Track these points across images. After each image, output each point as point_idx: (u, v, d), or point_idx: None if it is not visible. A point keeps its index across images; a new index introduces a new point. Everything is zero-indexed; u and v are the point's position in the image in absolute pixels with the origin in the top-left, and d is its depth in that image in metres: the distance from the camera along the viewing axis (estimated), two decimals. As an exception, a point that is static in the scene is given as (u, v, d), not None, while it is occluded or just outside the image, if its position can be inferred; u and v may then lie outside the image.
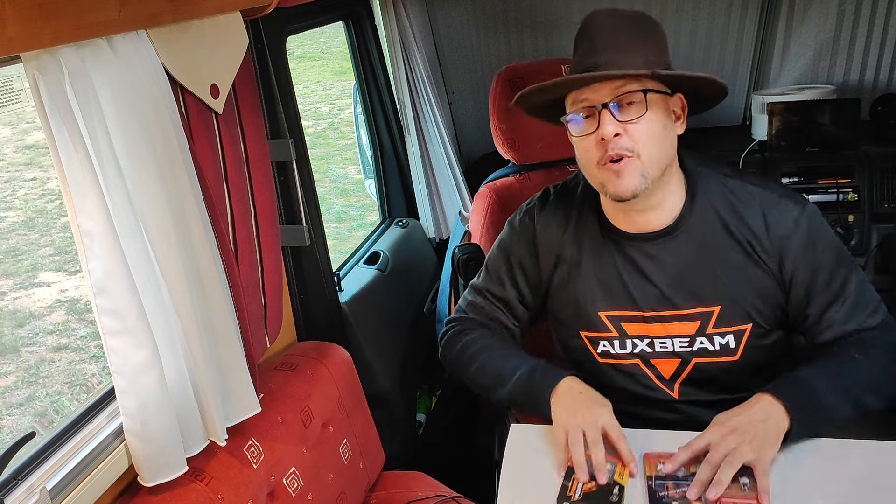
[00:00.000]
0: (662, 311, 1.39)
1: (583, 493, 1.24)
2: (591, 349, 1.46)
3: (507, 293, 1.53)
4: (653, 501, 1.22)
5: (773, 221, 1.34)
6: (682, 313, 1.38)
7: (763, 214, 1.35)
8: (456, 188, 2.79)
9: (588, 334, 1.45)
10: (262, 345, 1.62)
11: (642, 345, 1.42)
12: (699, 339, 1.39)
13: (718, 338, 1.38)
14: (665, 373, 1.44)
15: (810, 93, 2.69)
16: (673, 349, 1.41)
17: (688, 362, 1.42)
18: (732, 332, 1.38)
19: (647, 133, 1.28)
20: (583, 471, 1.22)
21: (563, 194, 1.51)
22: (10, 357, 4.24)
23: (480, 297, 1.56)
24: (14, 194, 6.33)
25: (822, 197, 2.52)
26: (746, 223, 1.35)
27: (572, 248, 1.45)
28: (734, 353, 1.39)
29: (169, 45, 1.25)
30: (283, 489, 1.52)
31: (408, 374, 2.37)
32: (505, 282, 1.53)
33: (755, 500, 1.19)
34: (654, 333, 1.41)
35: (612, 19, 1.32)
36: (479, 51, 3.07)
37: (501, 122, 2.25)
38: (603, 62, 1.28)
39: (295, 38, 2.16)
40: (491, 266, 1.55)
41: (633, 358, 1.44)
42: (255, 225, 1.56)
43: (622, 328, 1.42)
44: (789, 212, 1.34)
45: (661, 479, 1.25)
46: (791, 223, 1.34)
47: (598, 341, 1.45)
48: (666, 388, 1.45)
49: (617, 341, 1.43)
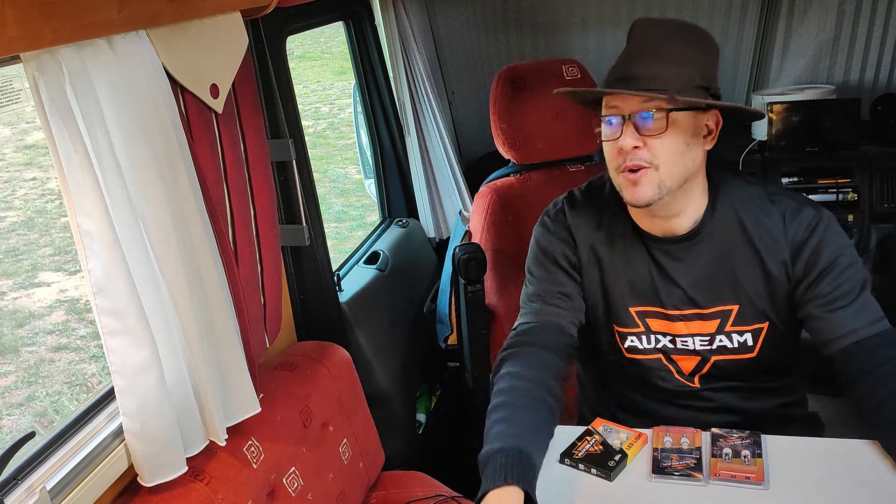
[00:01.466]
0: (686, 311, 1.44)
1: (587, 454, 1.37)
2: (619, 343, 1.50)
3: (565, 287, 1.50)
4: (656, 471, 1.32)
5: (791, 226, 1.38)
6: (703, 312, 1.43)
7: (783, 220, 1.38)
8: (456, 188, 2.79)
9: (617, 329, 1.49)
10: (262, 345, 1.62)
11: (665, 340, 1.47)
12: (719, 337, 1.44)
13: (737, 336, 1.43)
14: (685, 369, 1.49)
15: (810, 93, 2.69)
16: (693, 347, 1.46)
17: (707, 360, 1.46)
18: (750, 331, 1.43)
19: (667, 149, 1.30)
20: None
21: (591, 194, 1.54)
22: (10, 357, 4.23)
23: (538, 301, 1.51)
24: (14, 194, 6.33)
25: (821, 197, 2.52)
26: (766, 227, 1.39)
27: (605, 244, 1.48)
28: (752, 350, 1.44)
29: (169, 46, 1.25)
30: (283, 489, 1.52)
31: (408, 374, 2.37)
32: (559, 276, 1.50)
33: (755, 473, 1.27)
34: (676, 332, 1.45)
35: (659, 28, 1.34)
36: (479, 51, 3.06)
37: (502, 122, 2.25)
38: (637, 73, 1.30)
39: (295, 38, 2.16)
40: (536, 271, 1.53)
41: (656, 353, 1.48)
42: (255, 225, 1.56)
43: (647, 324, 1.47)
44: (806, 217, 1.38)
45: (667, 451, 1.36)
46: (807, 228, 1.37)
47: (626, 336, 1.49)
48: (687, 382, 1.50)
49: (644, 336, 1.48)
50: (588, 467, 1.34)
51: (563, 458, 1.38)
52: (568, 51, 2.99)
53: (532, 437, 1.32)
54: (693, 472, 1.30)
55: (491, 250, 2.23)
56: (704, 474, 1.29)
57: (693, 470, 1.30)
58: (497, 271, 2.24)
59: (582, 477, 1.34)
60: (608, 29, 2.94)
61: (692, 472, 1.30)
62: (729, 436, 1.37)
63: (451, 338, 2.34)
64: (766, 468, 1.29)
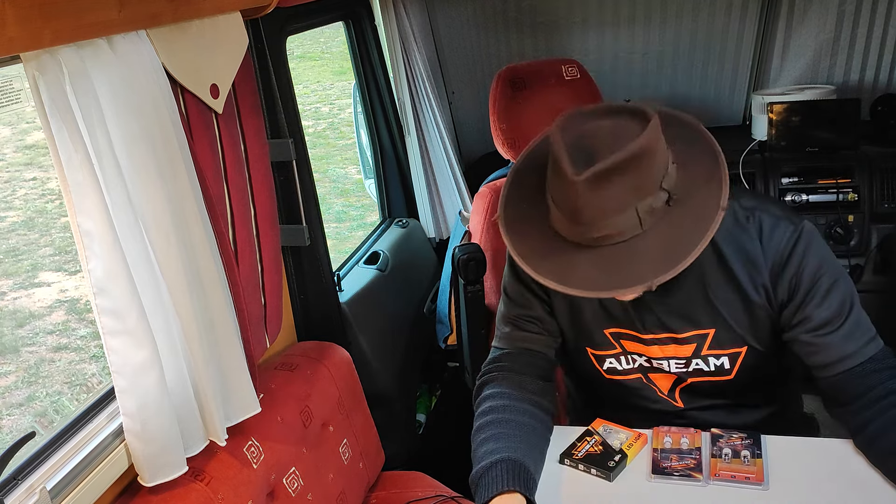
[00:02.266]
0: (660, 335, 1.39)
1: (586, 454, 1.37)
2: (597, 366, 1.47)
3: (535, 310, 1.46)
4: (656, 471, 1.32)
5: (769, 246, 1.30)
6: (678, 337, 1.38)
7: (760, 238, 1.31)
8: (456, 188, 2.79)
9: (593, 351, 1.45)
10: (262, 345, 1.61)
11: (640, 360, 1.44)
12: (695, 361, 1.40)
13: (713, 359, 1.39)
14: (663, 387, 1.46)
15: (810, 93, 2.69)
16: (669, 369, 1.43)
17: (683, 380, 1.44)
18: (727, 355, 1.38)
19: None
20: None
21: None
22: (10, 357, 4.23)
23: (509, 325, 1.49)
24: (14, 194, 6.32)
25: (821, 197, 2.52)
26: (743, 248, 1.31)
27: None
28: (728, 373, 1.40)
29: (169, 45, 1.25)
30: (283, 489, 1.52)
31: (408, 374, 2.37)
32: (530, 299, 1.46)
33: (754, 473, 1.27)
34: (651, 354, 1.42)
35: (591, 185, 1.12)
36: (479, 51, 3.06)
37: (501, 122, 2.25)
38: (597, 243, 1.17)
39: (295, 38, 2.16)
40: (510, 289, 1.50)
41: (635, 373, 1.45)
42: (255, 225, 1.56)
43: (622, 345, 1.43)
44: (784, 233, 1.30)
45: (666, 451, 1.36)
46: (786, 245, 1.29)
47: (603, 359, 1.45)
48: (668, 399, 1.47)
49: (622, 357, 1.44)
50: (588, 467, 1.34)
51: (563, 458, 1.38)
52: (568, 51, 2.99)
53: (525, 447, 1.30)
54: (693, 473, 1.30)
55: (491, 250, 2.23)
56: (704, 474, 1.29)
57: (693, 470, 1.30)
58: (497, 271, 2.24)
59: (582, 477, 1.34)
60: (608, 29, 2.94)
61: (692, 472, 1.30)
62: (729, 436, 1.37)
63: (450, 338, 2.34)
64: (766, 468, 1.29)
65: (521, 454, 1.27)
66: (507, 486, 1.20)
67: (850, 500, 1.21)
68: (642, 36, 2.94)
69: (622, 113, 1.18)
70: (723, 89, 3.00)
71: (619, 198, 1.13)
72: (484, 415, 1.38)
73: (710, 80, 2.98)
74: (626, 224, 1.15)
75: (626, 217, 1.14)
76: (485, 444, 1.31)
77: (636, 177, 1.13)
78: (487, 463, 1.25)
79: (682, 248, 1.14)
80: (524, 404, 1.38)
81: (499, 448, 1.28)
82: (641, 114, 1.16)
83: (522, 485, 1.21)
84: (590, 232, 1.16)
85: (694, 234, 1.15)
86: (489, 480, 1.22)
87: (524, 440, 1.31)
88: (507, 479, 1.21)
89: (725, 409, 1.45)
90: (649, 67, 3.00)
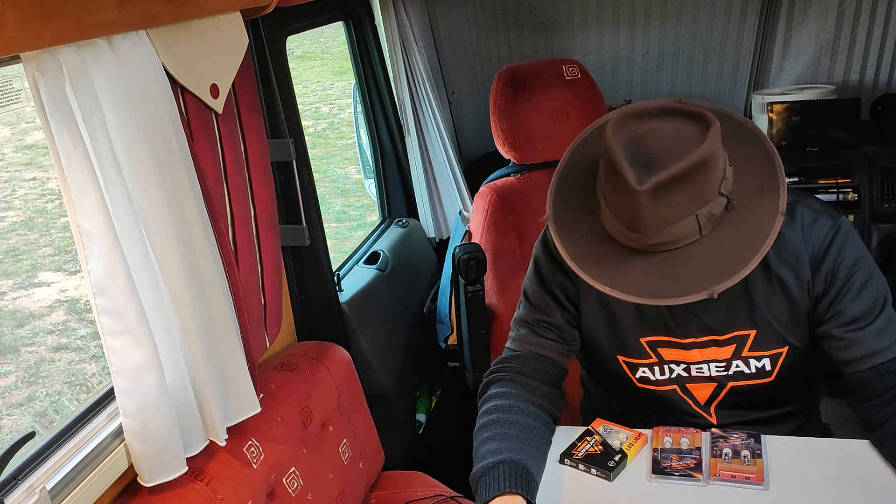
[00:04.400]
0: (701, 338, 1.37)
1: (587, 454, 1.37)
2: (629, 374, 1.44)
3: (554, 317, 1.43)
4: (656, 471, 1.32)
5: (809, 239, 1.30)
6: (719, 338, 1.36)
7: (802, 232, 1.30)
8: (456, 188, 2.79)
9: (626, 359, 1.43)
10: (262, 345, 1.61)
11: (678, 370, 1.41)
12: (735, 363, 1.38)
13: (755, 361, 1.37)
14: (700, 398, 1.43)
15: (810, 93, 2.70)
16: (709, 374, 1.40)
17: (724, 386, 1.41)
18: (769, 356, 1.36)
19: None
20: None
21: None
22: (10, 357, 4.23)
23: (525, 328, 1.46)
24: (14, 194, 6.32)
25: (822, 197, 2.52)
26: (785, 242, 1.30)
27: None
28: (769, 374, 1.38)
29: (169, 45, 1.25)
30: (282, 489, 1.52)
31: (408, 374, 2.37)
32: (552, 306, 1.44)
33: (754, 473, 1.27)
34: (691, 360, 1.39)
35: (656, 192, 1.11)
36: (479, 51, 3.07)
37: (502, 122, 2.25)
38: (651, 243, 1.17)
39: (295, 38, 2.16)
40: (531, 293, 1.47)
41: (670, 384, 1.43)
42: (255, 225, 1.56)
43: (659, 354, 1.41)
44: (823, 227, 1.30)
45: (666, 451, 1.36)
46: (824, 238, 1.29)
47: (636, 367, 1.43)
48: (703, 413, 1.44)
49: (657, 367, 1.42)
50: (588, 467, 1.34)
51: (563, 458, 1.37)
52: (568, 51, 2.99)
53: (527, 449, 1.29)
54: (693, 473, 1.30)
55: (491, 250, 2.23)
56: (704, 474, 1.29)
57: (693, 470, 1.30)
58: (497, 271, 2.24)
59: (582, 477, 1.34)
60: (608, 29, 2.95)
61: (692, 472, 1.30)
62: (729, 436, 1.36)
63: (451, 338, 2.34)
64: (766, 468, 1.29)
65: (524, 456, 1.26)
66: (509, 488, 1.20)
67: (851, 500, 1.21)
68: (642, 36, 2.94)
69: (677, 115, 1.16)
70: (723, 89, 3.00)
71: (681, 207, 1.12)
72: (488, 413, 1.37)
73: (710, 80, 2.98)
74: (685, 231, 1.15)
75: (685, 224, 1.14)
76: (487, 442, 1.30)
77: (698, 185, 1.12)
78: (489, 462, 1.25)
79: (742, 254, 1.14)
80: (529, 406, 1.37)
81: (501, 448, 1.27)
82: (699, 118, 1.15)
83: (524, 487, 1.21)
84: (647, 239, 1.15)
85: (754, 239, 1.14)
86: (490, 480, 1.22)
87: (527, 442, 1.31)
88: (509, 481, 1.21)
89: (758, 425, 1.41)
90: (649, 67, 3.00)
